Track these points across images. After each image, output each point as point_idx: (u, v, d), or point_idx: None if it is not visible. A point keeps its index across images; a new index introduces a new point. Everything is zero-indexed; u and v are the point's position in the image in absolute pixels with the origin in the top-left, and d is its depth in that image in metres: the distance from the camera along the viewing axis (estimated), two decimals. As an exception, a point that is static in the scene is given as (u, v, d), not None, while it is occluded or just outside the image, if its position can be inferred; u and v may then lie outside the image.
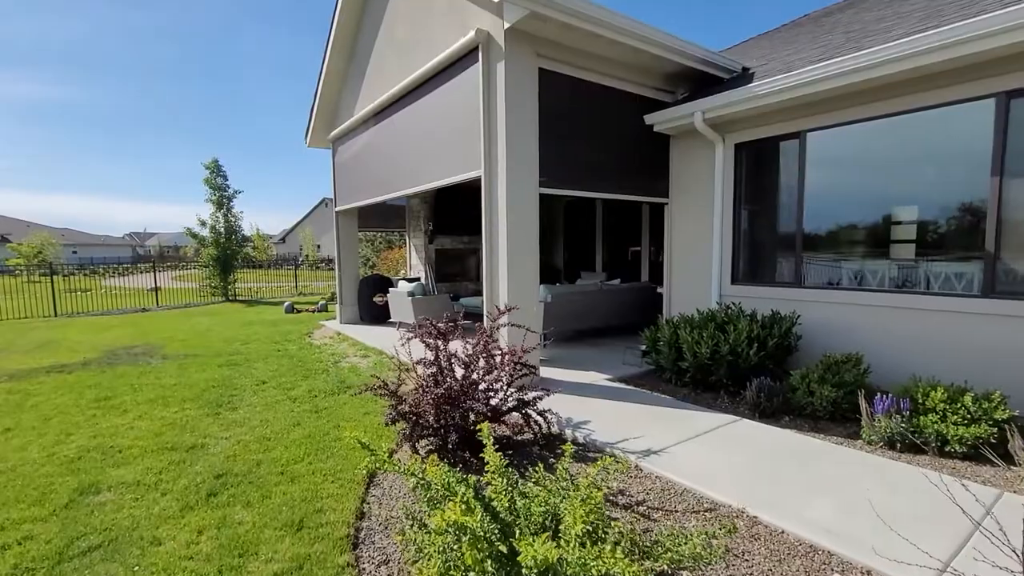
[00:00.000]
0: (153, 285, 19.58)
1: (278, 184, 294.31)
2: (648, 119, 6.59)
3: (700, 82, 6.80)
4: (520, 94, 5.35)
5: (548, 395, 3.84)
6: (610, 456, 3.03)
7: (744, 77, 6.43)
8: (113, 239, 73.29)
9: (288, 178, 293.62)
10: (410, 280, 10.96)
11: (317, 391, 5.67)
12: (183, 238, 18.58)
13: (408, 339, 4.18)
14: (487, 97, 5.46)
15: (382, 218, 12.34)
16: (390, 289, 9.56)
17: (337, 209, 10.45)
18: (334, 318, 11.89)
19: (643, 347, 6.47)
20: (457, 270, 11.83)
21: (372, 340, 8.55)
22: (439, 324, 3.83)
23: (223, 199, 17.65)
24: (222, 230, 17.62)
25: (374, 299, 10.26)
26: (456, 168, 6.26)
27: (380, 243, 22.67)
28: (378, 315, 10.33)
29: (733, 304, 5.79)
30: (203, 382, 6.20)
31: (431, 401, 3.53)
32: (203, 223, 17.53)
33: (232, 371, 6.77)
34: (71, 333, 10.93)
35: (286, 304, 13.74)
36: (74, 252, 55.78)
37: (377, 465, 2.23)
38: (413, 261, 11.87)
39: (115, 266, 35.18)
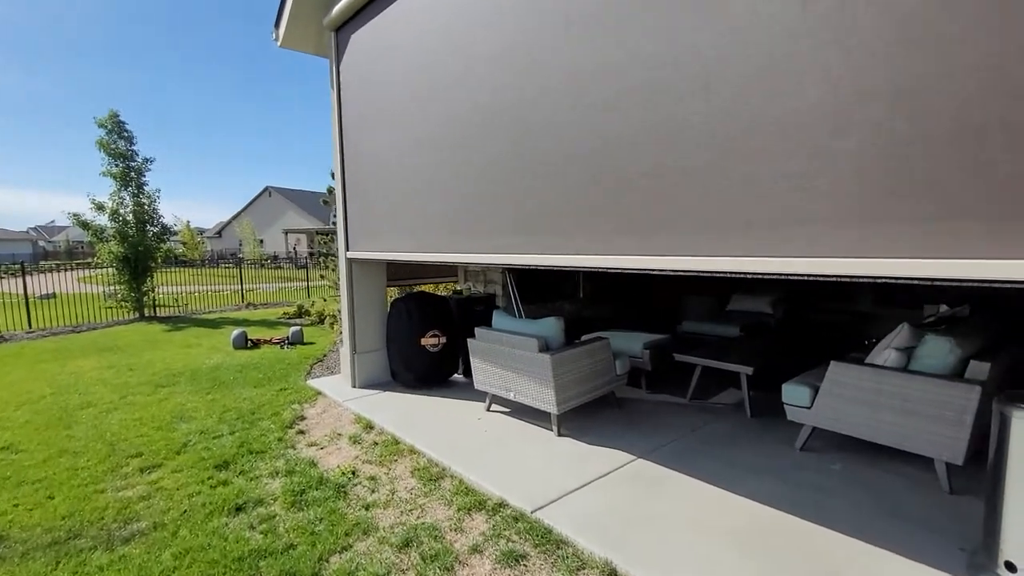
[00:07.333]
0: (43, 292, 13.47)
1: (212, 172, 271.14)
2: None
3: None
4: None
5: None
6: None
7: None
8: (10, 232, 61.60)
9: (224, 164, 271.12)
10: (482, 298, 6.14)
11: None
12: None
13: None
14: None
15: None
16: (477, 330, 4.58)
17: (350, 255, 5.43)
18: (323, 360, 6.84)
19: None
20: (544, 286, 6.97)
21: (481, 466, 3.62)
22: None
23: (129, 171, 11.85)
24: (130, 217, 11.84)
25: (423, 342, 5.32)
26: None
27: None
28: (430, 372, 5.38)
29: None
30: None
31: None
32: (100, 207, 11.68)
33: None
34: None
35: (235, 333, 8.39)
36: (-49, 248, 45.65)
37: None
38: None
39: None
